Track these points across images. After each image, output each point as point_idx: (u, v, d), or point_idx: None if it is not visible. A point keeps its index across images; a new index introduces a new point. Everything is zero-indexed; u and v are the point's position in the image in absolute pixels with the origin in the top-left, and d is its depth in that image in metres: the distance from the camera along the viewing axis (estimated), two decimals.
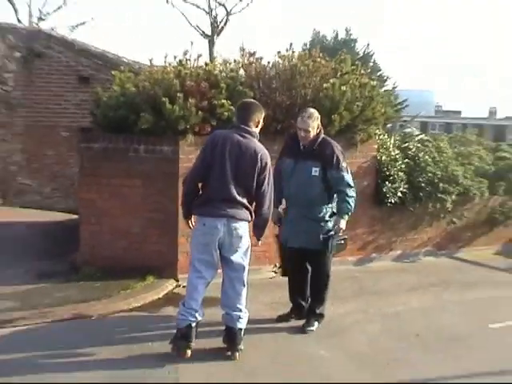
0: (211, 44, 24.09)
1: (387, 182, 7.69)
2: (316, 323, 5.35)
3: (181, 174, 6.15)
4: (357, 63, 7.85)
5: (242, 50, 7.35)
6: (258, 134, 4.67)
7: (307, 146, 5.22)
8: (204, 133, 6.26)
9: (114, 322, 5.32)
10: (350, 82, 7.24)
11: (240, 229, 4.55)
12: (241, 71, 7.18)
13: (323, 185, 5.18)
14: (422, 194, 8.08)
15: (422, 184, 8.07)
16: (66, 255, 7.01)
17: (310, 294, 5.47)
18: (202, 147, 4.73)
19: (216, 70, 6.98)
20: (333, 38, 29.55)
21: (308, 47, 22.04)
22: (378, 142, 7.88)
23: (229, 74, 6.97)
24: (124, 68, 7.61)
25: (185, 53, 7.12)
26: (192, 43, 10.83)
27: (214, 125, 6.33)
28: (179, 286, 6.24)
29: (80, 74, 10.34)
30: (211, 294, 4.80)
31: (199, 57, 7.24)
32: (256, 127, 4.67)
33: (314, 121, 5.18)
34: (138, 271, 6.27)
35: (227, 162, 4.47)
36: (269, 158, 4.63)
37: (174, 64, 7.00)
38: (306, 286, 5.47)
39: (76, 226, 6.95)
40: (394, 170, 7.77)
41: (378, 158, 7.77)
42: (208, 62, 7.44)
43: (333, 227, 5.20)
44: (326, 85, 7.01)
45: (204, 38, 24.41)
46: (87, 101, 8.88)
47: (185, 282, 4.97)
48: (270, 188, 4.64)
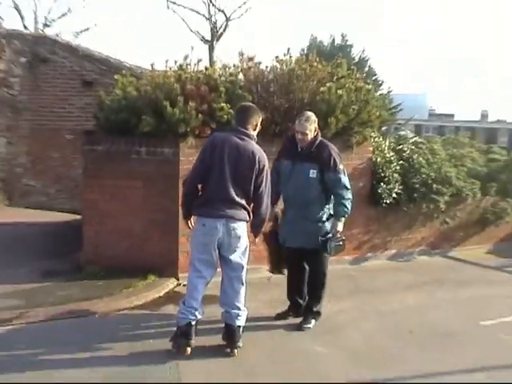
0: (211, 49, 24.09)
1: (382, 183, 7.68)
2: (313, 321, 5.34)
3: (181, 175, 6.12)
4: (352, 68, 7.84)
5: (241, 54, 7.34)
6: (256, 137, 4.67)
7: (305, 148, 5.21)
8: (204, 135, 6.24)
9: (117, 320, 5.31)
10: (346, 85, 7.23)
11: (238, 229, 4.53)
12: (240, 75, 7.16)
13: (321, 187, 5.16)
14: (416, 195, 8.07)
15: (416, 185, 8.06)
16: (69, 255, 6.99)
17: (307, 292, 5.46)
18: (201, 149, 4.71)
19: (216, 74, 6.97)
20: (329, 43, 29.50)
21: (305, 52, 22.01)
22: (374, 144, 7.87)
23: (228, 78, 6.97)
24: (126, 72, 7.58)
25: (185, 57, 7.12)
26: (192, 48, 10.84)
27: (214, 127, 6.32)
28: (180, 284, 6.22)
29: (84, 79, 10.38)
30: (211, 292, 4.78)
31: (199, 61, 7.24)
32: (254, 130, 4.66)
33: (311, 124, 5.17)
34: (139, 270, 6.25)
35: (226, 164, 4.46)
36: (266, 160, 4.62)
37: (175, 68, 6.98)
38: (303, 284, 5.46)
39: (80, 227, 6.93)
40: (389, 172, 7.77)
41: (374, 159, 7.76)
42: (208, 66, 7.42)
43: (330, 230, 5.19)
44: (322, 88, 7.01)
45: (204, 43, 24.42)
46: (91, 104, 8.87)
47: (185, 281, 4.95)
48: (267, 189, 4.62)
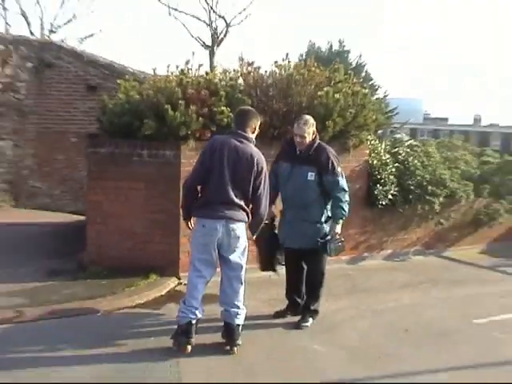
0: (211, 54, 24.13)
1: (378, 185, 7.67)
2: (311, 319, 5.30)
3: (182, 177, 6.08)
4: (349, 73, 7.83)
5: (241, 60, 7.33)
6: (255, 140, 4.64)
7: (303, 151, 5.18)
8: (204, 138, 6.23)
9: (119, 318, 5.29)
10: (343, 90, 7.21)
11: (238, 230, 4.51)
12: (240, 80, 7.15)
13: (319, 189, 5.14)
14: (411, 197, 8.05)
15: (412, 187, 8.05)
16: (74, 254, 6.97)
17: (305, 291, 5.43)
18: (201, 152, 4.69)
19: (216, 78, 6.96)
20: (327, 49, 29.49)
21: (304, 57, 22.02)
22: (370, 147, 7.87)
23: (228, 82, 6.95)
24: (129, 77, 7.60)
25: (186, 62, 7.12)
26: (193, 53, 10.99)
27: (214, 130, 6.30)
28: (181, 283, 6.19)
29: (88, 83, 10.39)
30: (211, 291, 4.76)
31: (200, 66, 7.23)
32: (252, 133, 4.64)
33: (309, 127, 5.14)
34: (141, 270, 6.23)
35: (225, 166, 4.44)
36: (264, 163, 4.60)
37: (176, 73, 6.98)
38: (301, 283, 5.43)
39: (84, 227, 6.92)
40: (385, 174, 7.76)
41: (370, 162, 7.76)
42: (208, 71, 7.42)
43: (329, 232, 5.16)
44: (320, 93, 7.00)
45: (205, 48, 24.47)
46: (94, 108, 8.86)
47: (186, 280, 4.92)
48: (265, 191, 4.60)
